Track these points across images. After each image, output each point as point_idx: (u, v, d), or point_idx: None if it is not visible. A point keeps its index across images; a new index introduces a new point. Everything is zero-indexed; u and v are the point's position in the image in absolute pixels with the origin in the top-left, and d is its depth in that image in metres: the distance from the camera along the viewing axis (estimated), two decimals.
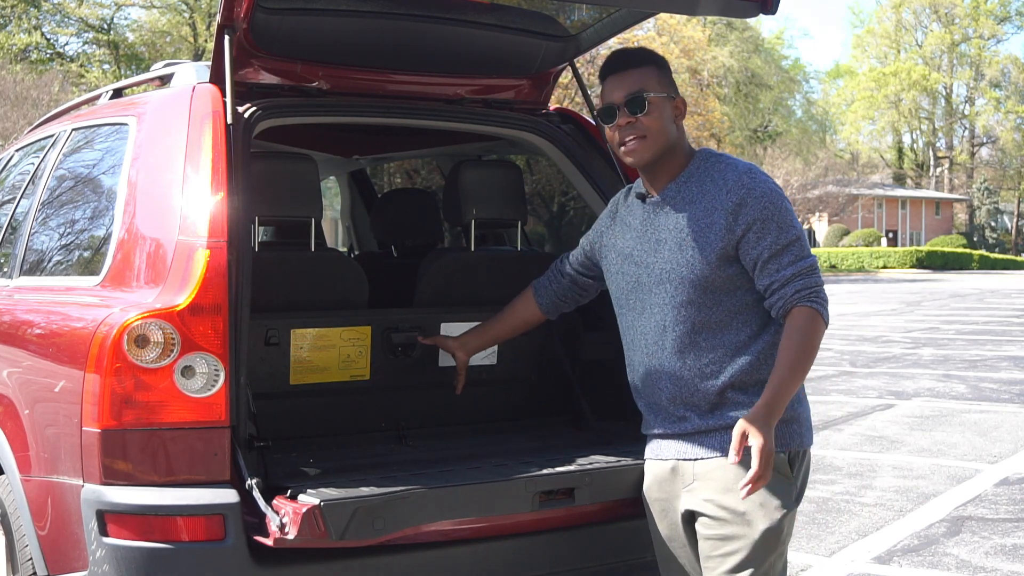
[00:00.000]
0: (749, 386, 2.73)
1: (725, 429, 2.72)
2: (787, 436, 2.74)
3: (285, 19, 3.35)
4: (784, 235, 2.70)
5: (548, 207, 6.87)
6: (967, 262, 55.80)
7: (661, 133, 2.81)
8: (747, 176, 2.74)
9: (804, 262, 2.70)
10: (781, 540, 2.73)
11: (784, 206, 2.73)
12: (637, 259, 2.88)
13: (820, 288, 2.70)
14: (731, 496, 2.70)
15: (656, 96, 2.81)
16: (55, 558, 3.05)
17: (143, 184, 3.23)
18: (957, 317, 21.35)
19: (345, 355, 3.60)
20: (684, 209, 2.78)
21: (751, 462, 2.54)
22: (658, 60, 2.89)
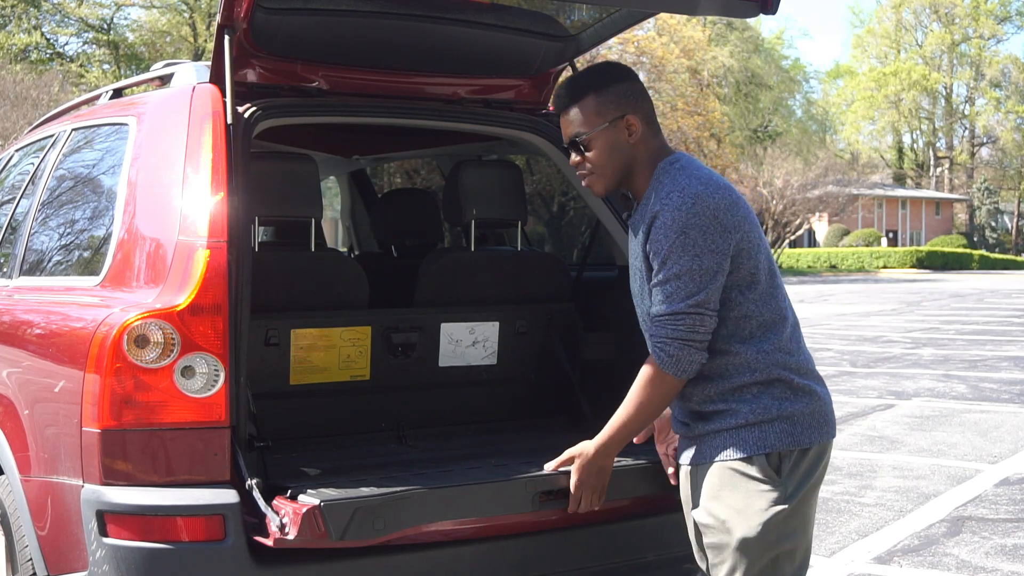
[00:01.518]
0: (728, 392, 2.71)
1: (712, 435, 2.72)
2: (771, 436, 2.69)
3: (285, 19, 3.35)
4: (663, 271, 2.65)
5: (548, 207, 6.87)
6: (967, 262, 55.82)
7: (606, 166, 2.79)
8: (660, 201, 2.67)
9: (661, 307, 2.66)
10: (768, 544, 2.67)
11: (678, 240, 2.62)
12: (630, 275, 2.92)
13: (669, 341, 2.64)
14: (715, 503, 2.70)
15: (595, 132, 2.77)
16: (55, 558, 3.05)
17: (143, 184, 3.23)
18: (957, 317, 21.35)
19: (345, 355, 3.60)
20: (635, 233, 2.79)
21: (576, 489, 2.86)
22: (595, 84, 2.78)
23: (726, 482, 2.69)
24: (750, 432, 2.68)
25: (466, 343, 3.82)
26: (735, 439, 2.69)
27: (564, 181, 4.15)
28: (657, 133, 2.83)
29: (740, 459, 2.68)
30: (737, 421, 2.69)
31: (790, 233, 49.11)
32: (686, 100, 38.12)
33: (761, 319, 2.72)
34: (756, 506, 2.67)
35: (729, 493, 2.69)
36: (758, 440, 2.68)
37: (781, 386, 2.72)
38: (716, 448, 2.71)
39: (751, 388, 2.71)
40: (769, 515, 2.67)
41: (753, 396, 2.70)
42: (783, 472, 2.70)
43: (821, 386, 2.80)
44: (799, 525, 2.72)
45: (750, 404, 2.69)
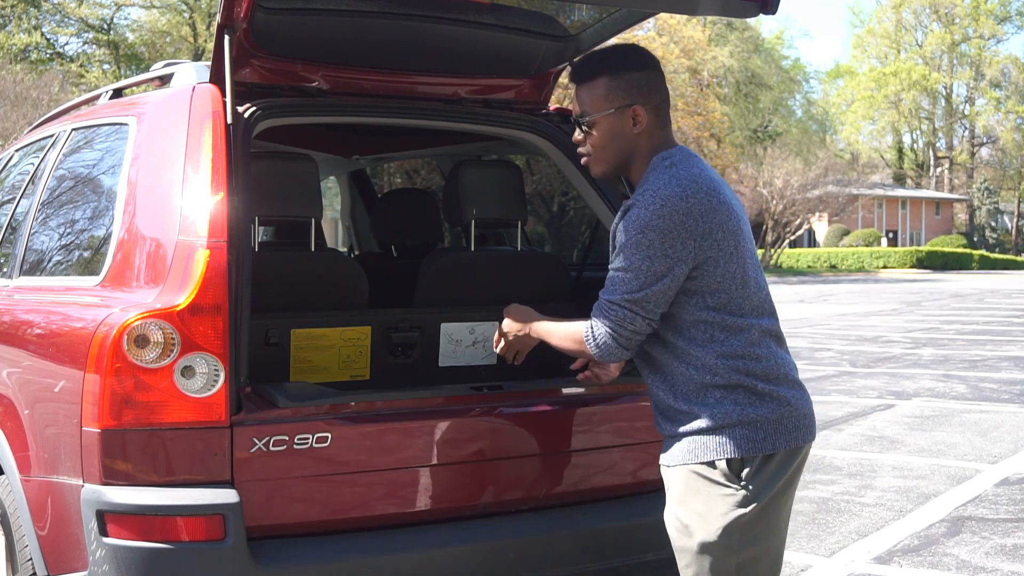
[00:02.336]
0: (690, 396, 2.70)
1: (678, 437, 2.72)
2: (732, 441, 2.67)
3: (285, 19, 3.35)
4: (616, 261, 2.69)
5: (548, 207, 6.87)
6: (967, 262, 55.82)
7: (605, 150, 2.79)
8: (635, 197, 2.69)
9: (608, 295, 2.70)
10: (729, 549, 2.66)
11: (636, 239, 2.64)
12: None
13: (600, 323, 2.71)
14: (679, 507, 2.72)
15: (600, 116, 2.76)
16: (55, 558, 3.05)
17: (143, 184, 3.23)
18: (957, 317, 21.35)
19: (345, 355, 3.60)
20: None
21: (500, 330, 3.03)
22: (613, 67, 2.77)
23: (689, 486, 2.70)
24: (711, 437, 2.68)
25: (466, 343, 3.82)
26: (696, 443, 2.69)
27: (564, 181, 4.15)
28: (665, 125, 2.82)
29: (702, 463, 2.68)
30: (699, 425, 2.68)
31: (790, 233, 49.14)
32: (686, 100, 38.13)
33: (723, 324, 2.69)
34: (716, 510, 2.67)
35: (692, 497, 2.69)
36: (719, 445, 2.67)
37: (743, 391, 2.69)
38: (681, 451, 2.72)
39: (712, 392, 2.69)
40: (729, 519, 2.66)
41: (715, 400, 2.68)
42: (745, 477, 2.68)
43: (795, 391, 2.75)
44: (764, 530, 2.70)
45: (711, 409, 2.68)
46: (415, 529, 3.07)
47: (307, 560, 2.87)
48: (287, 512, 2.93)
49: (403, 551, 2.99)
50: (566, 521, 3.25)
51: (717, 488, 2.67)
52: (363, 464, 3.03)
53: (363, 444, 3.02)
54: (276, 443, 2.89)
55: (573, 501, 3.33)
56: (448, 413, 3.17)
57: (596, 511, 3.32)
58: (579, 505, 3.33)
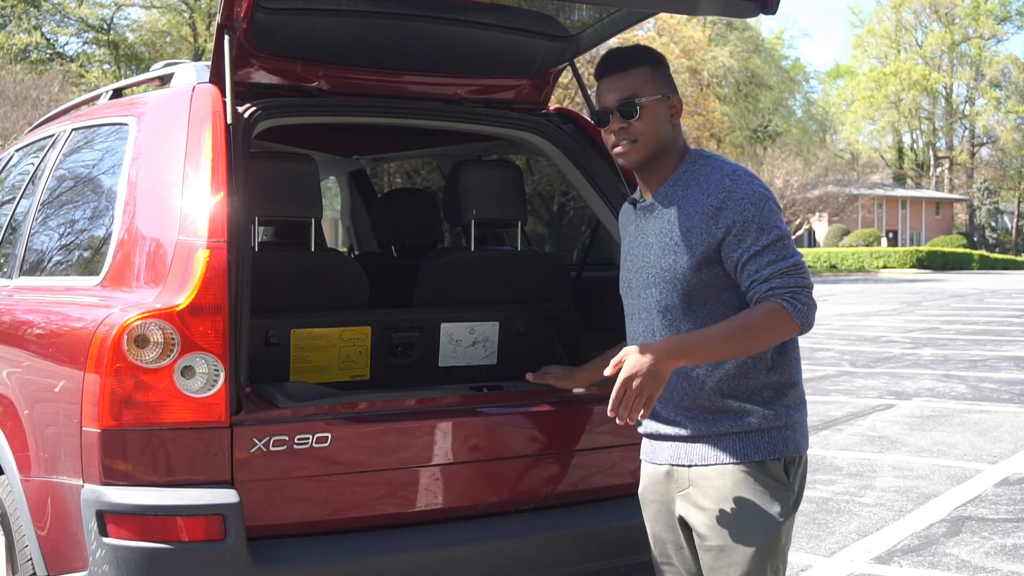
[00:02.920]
0: (740, 392, 2.70)
1: (719, 436, 2.70)
2: (781, 442, 2.71)
3: (285, 19, 3.35)
4: (764, 236, 2.64)
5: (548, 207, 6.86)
6: (967, 262, 55.80)
7: (653, 136, 2.77)
8: (729, 179, 2.70)
9: (785, 262, 2.64)
10: (780, 549, 2.71)
11: (767, 207, 2.67)
12: (629, 264, 2.87)
13: (799, 289, 2.62)
14: (729, 505, 2.68)
15: (648, 100, 2.76)
16: (55, 558, 3.05)
17: (143, 184, 3.23)
18: (957, 317, 21.35)
19: (345, 355, 3.60)
20: (671, 213, 2.75)
21: (619, 388, 2.55)
22: (652, 58, 2.82)
23: (740, 486, 2.67)
24: (762, 437, 2.69)
25: (466, 343, 3.82)
26: (749, 442, 2.68)
27: (564, 181, 4.15)
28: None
29: (756, 463, 2.68)
30: (751, 425, 2.68)
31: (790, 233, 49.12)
32: (686, 100, 38.11)
33: None
34: (773, 510, 2.68)
35: (744, 497, 2.68)
36: (771, 445, 2.69)
37: (792, 392, 2.74)
38: (726, 450, 2.68)
39: (765, 391, 2.70)
40: (783, 520, 2.69)
41: (765, 400, 2.70)
42: (791, 477, 2.73)
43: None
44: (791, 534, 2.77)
45: (763, 408, 2.69)
46: (415, 529, 3.07)
47: (307, 560, 2.87)
48: (287, 512, 2.93)
49: (403, 551, 2.99)
50: (566, 521, 3.25)
51: (771, 488, 2.69)
52: (363, 464, 3.03)
53: (363, 444, 3.03)
54: (276, 443, 2.89)
55: (573, 501, 3.33)
56: (448, 413, 3.17)
57: (596, 511, 3.32)
58: (579, 505, 3.33)
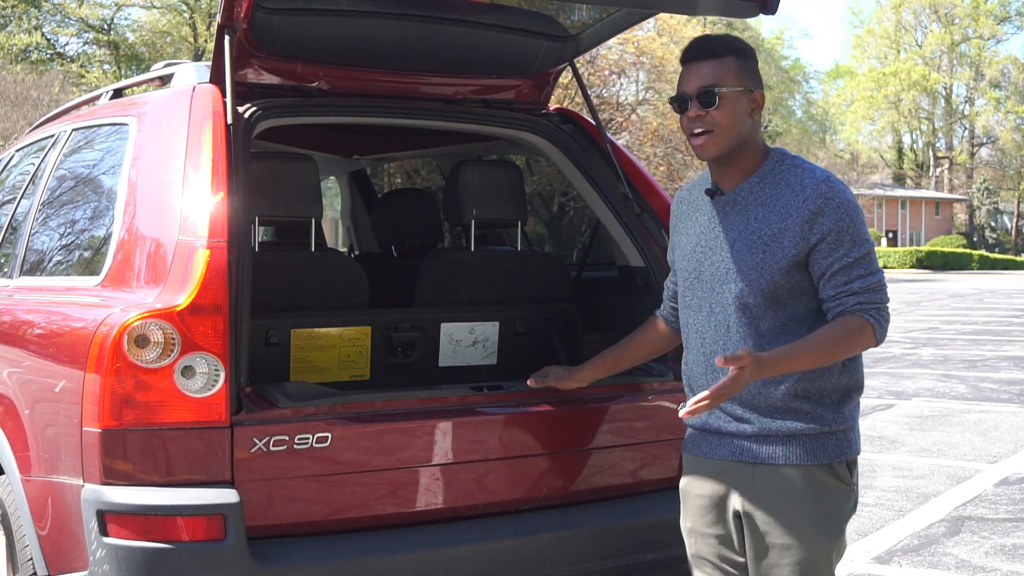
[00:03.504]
0: (812, 393, 2.71)
1: (788, 436, 2.70)
2: (846, 444, 2.74)
3: (285, 19, 3.35)
4: (856, 249, 2.66)
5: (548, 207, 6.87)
6: (967, 262, 55.80)
7: (731, 128, 2.72)
8: (825, 185, 2.68)
9: (873, 278, 2.67)
10: (842, 547, 2.78)
11: (859, 218, 2.69)
12: (701, 255, 2.81)
13: (882, 306, 2.68)
14: (798, 505, 2.70)
15: (730, 91, 2.70)
16: (55, 558, 3.05)
17: (143, 184, 3.23)
18: (957, 317, 21.35)
19: (345, 355, 3.60)
20: (756, 210, 2.72)
21: (729, 383, 2.54)
22: (740, 50, 2.75)
23: (809, 486, 2.69)
24: (830, 439, 2.71)
25: (466, 343, 3.82)
26: (818, 445, 2.70)
27: (564, 181, 4.15)
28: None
29: (825, 465, 2.70)
30: (820, 427, 2.69)
31: None
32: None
33: None
34: (840, 512, 2.74)
35: (814, 498, 2.70)
36: (838, 447, 2.72)
37: (857, 395, 2.78)
38: (796, 451, 2.69)
39: (834, 394, 2.72)
40: (848, 519, 2.76)
41: (833, 403, 2.72)
42: (853, 478, 2.79)
43: None
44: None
45: (832, 411, 2.71)
46: (415, 529, 3.07)
47: (307, 560, 2.87)
48: (287, 512, 2.93)
49: (403, 551, 2.99)
50: (566, 521, 3.25)
51: (838, 489, 2.73)
52: (363, 464, 3.03)
53: (363, 444, 3.03)
54: (276, 443, 2.89)
55: (573, 501, 3.33)
56: (448, 413, 3.17)
57: (596, 511, 3.32)
58: (579, 505, 3.33)
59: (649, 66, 31.63)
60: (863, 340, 2.65)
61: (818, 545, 2.70)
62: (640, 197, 3.77)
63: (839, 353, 2.65)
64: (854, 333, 2.63)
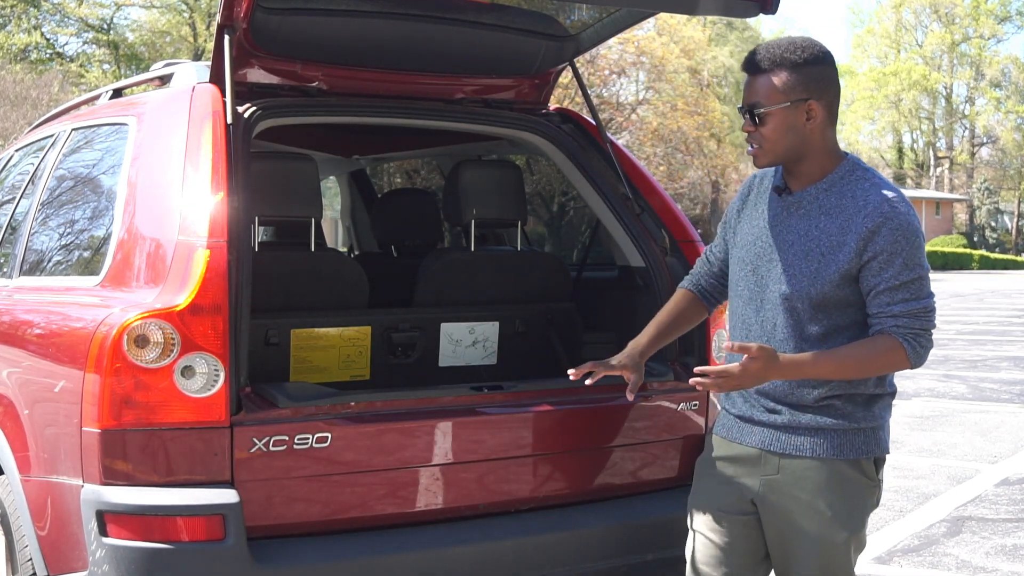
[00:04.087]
0: (844, 395, 2.75)
1: (818, 430, 2.74)
2: (874, 442, 2.78)
3: (285, 19, 3.35)
4: (906, 272, 2.66)
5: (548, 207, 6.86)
6: (967, 262, 55.79)
7: (779, 143, 2.75)
8: (888, 204, 2.68)
9: (917, 303, 2.68)
10: (862, 541, 2.81)
11: (916, 242, 2.69)
12: (759, 250, 2.83)
13: (923, 332, 2.69)
14: (824, 498, 2.74)
15: (774, 108, 2.73)
16: (55, 558, 3.05)
17: (143, 184, 3.23)
18: (957, 317, 21.35)
19: (345, 355, 3.60)
20: (819, 218, 2.74)
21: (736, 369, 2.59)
22: (792, 61, 2.73)
23: (835, 480, 2.74)
24: (858, 436, 2.76)
25: (466, 343, 3.82)
26: (846, 440, 2.74)
27: (564, 181, 4.15)
28: (834, 123, 2.81)
29: (852, 460, 2.75)
30: (849, 424, 2.74)
31: None
32: (686, 100, 38.07)
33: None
34: (867, 504, 2.79)
35: (839, 492, 2.74)
36: (866, 444, 2.77)
37: (888, 398, 2.82)
38: (824, 446, 2.73)
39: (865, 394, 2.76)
40: (869, 513, 2.81)
41: (863, 401, 2.76)
42: (879, 475, 2.82)
43: None
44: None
45: (862, 410, 2.76)
46: (415, 529, 3.07)
47: (307, 560, 2.87)
48: (287, 512, 2.93)
49: (403, 551, 2.99)
50: (566, 521, 3.25)
51: (864, 485, 2.78)
52: (363, 464, 3.03)
53: (363, 444, 3.03)
54: (276, 443, 2.89)
55: (573, 501, 3.33)
56: (448, 413, 3.17)
57: (596, 511, 3.32)
58: (579, 505, 3.33)
59: (649, 66, 31.67)
60: (894, 361, 2.68)
61: (838, 537, 2.74)
62: (640, 197, 3.77)
63: (864, 370, 2.68)
64: (884, 353, 2.66)
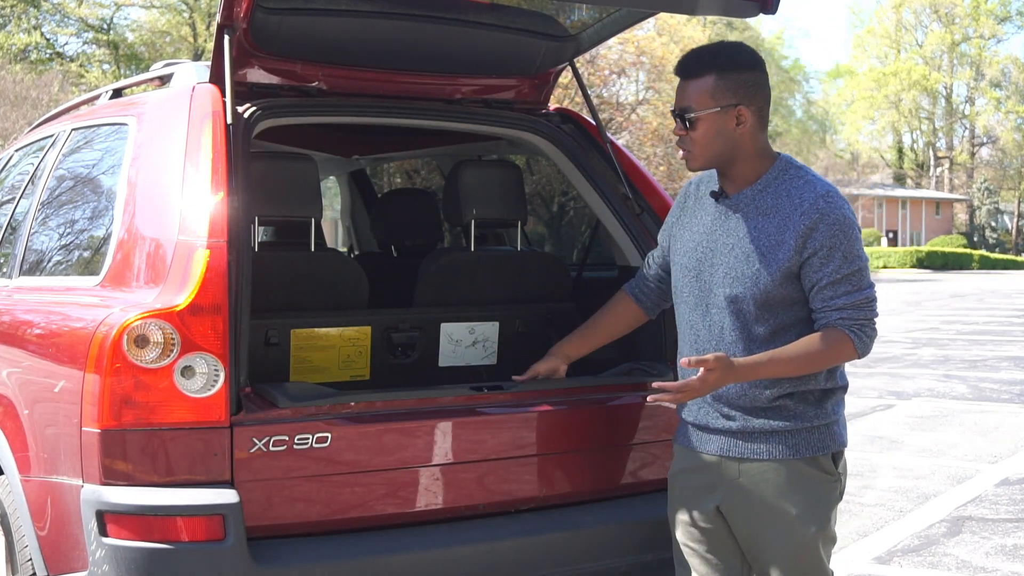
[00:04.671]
0: (795, 394, 2.79)
1: (772, 433, 2.79)
2: (829, 437, 2.83)
3: (285, 19, 3.35)
4: (846, 266, 2.72)
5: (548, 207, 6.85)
6: (967, 262, 55.78)
7: (708, 148, 2.79)
8: (824, 200, 2.73)
9: (859, 294, 2.74)
10: (830, 536, 2.85)
11: (853, 235, 2.74)
12: (701, 255, 2.88)
13: (867, 322, 2.75)
14: (785, 498, 2.78)
15: (704, 113, 2.77)
16: (55, 558, 3.05)
17: (143, 184, 3.23)
18: (957, 317, 21.35)
19: (345, 355, 3.60)
20: (757, 219, 2.79)
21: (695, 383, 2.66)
22: (721, 65, 2.78)
23: (794, 479, 2.78)
24: (812, 434, 2.80)
25: (466, 343, 3.82)
26: (801, 439, 2.79)
27: (564, 181, 4.15)
28: (765, 127, 2.86)
29: (808, 458, 2.80)
30: (802, 423, 2.79)
31: None
32: None
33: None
34: (826, 501, 2.82)
35: (799, 490, 2.78)
36: (821, 441, 2.81)
37: (840, 393, 2.88)
38: (780, 446, 2.78)
39: (816, 392, 2.81)
40: (834, 508, 2.84)
41: (815, 400, 2.81)
42: (838, 468, 2.87)
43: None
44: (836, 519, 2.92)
45: (815, 408, 2.81)
46: (415, 529, 3.07)
47: (307, 560, 2.87)
48: (287, 512, 2.93)
49: (403, 551, 2.99)
50: (566, 521, 3.25)
51: (823, 481, 2.82)
52: (363, 464, 3.03)
53: (363, 444, 3.03)
54: (276, 443, 2.89)
55: (573, 501, 3.33)
56: (448, 413, 3.17)
57: (596, 511, 3.32)
58: (579, 505, 3.33)
59: (649, 66, 31.63)
60: (842, 353, 2.75)
61: (805, 535, 2.78)
62: (640, 197, 3.77)
63: (816, 364, 2.74)
64: (833, 346, 2.73)
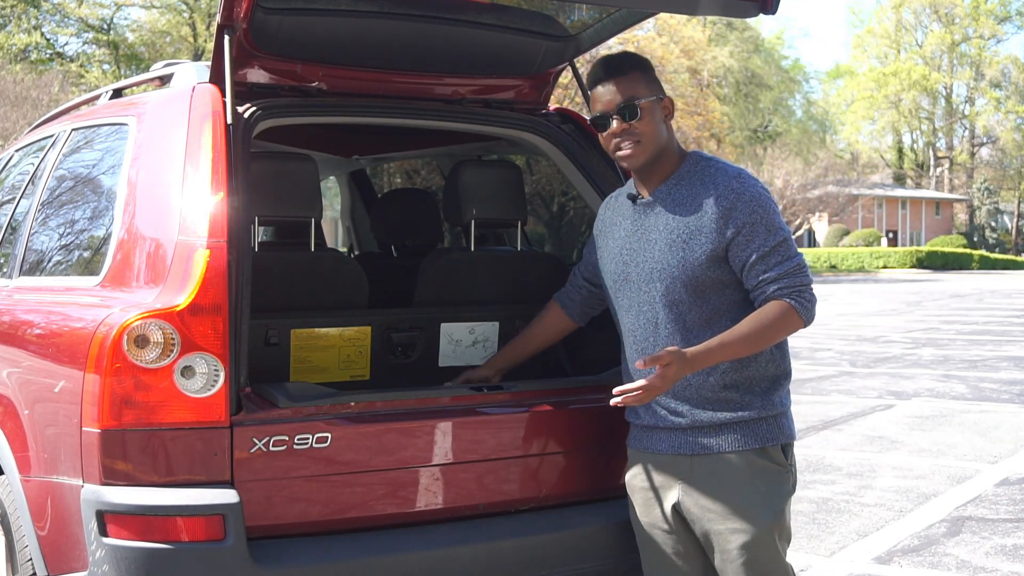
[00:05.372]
0: (740, 383, 2.86)
1: (721, 426, 2.85)
2: (777, 429, 2.89)
3: (285, 19, 3.35)
4: (771, 238, 2.82)
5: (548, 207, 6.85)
6: (967, 262, 55.77)
7: (655, 136, 2.92)
8: (736, 181, 2.86)
9: (790, 262, 2.82)
10: (785, 527, 2.88)
11: (771, 208, 2.84)
12: (626, 257, 2.99)
13: (804, 287, 2.82)
14: (736, 491, 2.83)
15: (646, 101, 2.92)
16: (55, 558, 3.05)
17: (143, 184, 3.23)
18: (957, 317, 21.35)
19: (345, 355, 3.60)
20: (675, 211, 2.90)
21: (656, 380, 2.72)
22: (642, 64, 2.99)
23: (745, 472, 2.84)
24: (760, 425, 2.86)
25: (466, 343, 3.82)
26: (749, 431, 2.85)
27: (564, 181, 4.15)
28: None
29: (758, 450, 2.85)
30: (751, 414, 2.84)
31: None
32: (686, 100, 38.09)
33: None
34: (778, 492, 2.86)
35: (751, 482, 2.84)
36: (770, 432, 2.86)
37: (786, 383, 2.91)
38: (729, 439, 2.85)
39: (763, 382, 2.87)
40: (786, 499, 2.88)
41: (762, 391, 2.87)
42: (788, 460, 2.91)
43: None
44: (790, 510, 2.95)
45: (761, 398, 2.86)
46: (415, 529, 3.07)
47: (307, 560, 2.87)
48: (287, 512, 2.93)
49: (403, 551, 2.99)
50: (566, 521, 3.25)
51: (774, 472, 2.87)
52: (363, 464, 3.03)
53: (363, 444, 3.03)
54: (276, 443, 2.89)
55: (573, 501, 3.34)
56: (448, 413, 3.17)
57: (595, 511, 3.32)
58: (579, 505, 3.33)
59: None
60: (789, 323, 2.80)
61: (760, 526, 2.82)
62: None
63: (767, 339, 2.79)
64: (778, 318, 2.78)
